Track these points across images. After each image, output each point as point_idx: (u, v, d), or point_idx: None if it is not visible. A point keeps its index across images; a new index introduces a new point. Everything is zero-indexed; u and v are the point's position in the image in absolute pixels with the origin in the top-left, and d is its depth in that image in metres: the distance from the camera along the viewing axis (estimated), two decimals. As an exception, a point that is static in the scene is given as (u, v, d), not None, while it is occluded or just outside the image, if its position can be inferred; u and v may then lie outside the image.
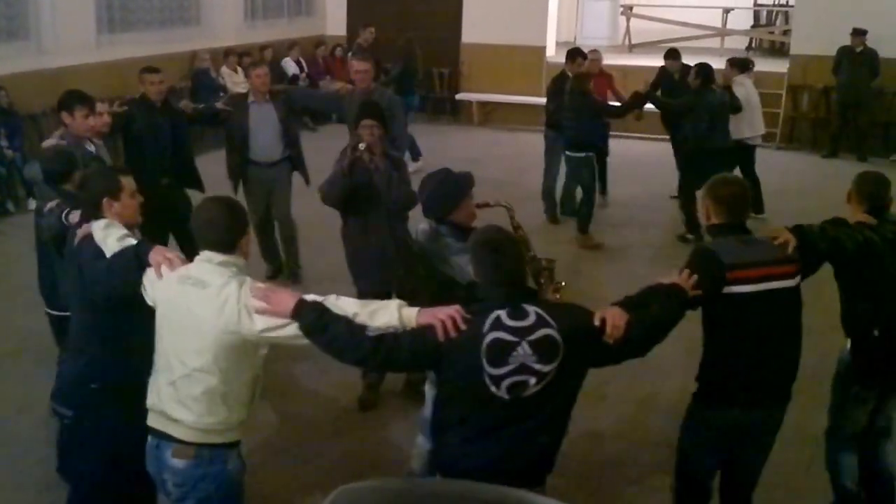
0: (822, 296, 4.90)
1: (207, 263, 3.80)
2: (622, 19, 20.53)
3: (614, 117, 11.00)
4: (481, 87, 17.60)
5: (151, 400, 3.91)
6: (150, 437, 3.95)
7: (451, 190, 4.97)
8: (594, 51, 11.88)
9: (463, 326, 3.50)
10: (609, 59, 12.25)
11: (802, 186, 12.33)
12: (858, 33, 14.30)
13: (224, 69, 15.15)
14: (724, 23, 20.03)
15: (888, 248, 4.52)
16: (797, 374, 4.34)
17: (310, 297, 3.69)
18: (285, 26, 17.87)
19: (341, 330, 3.58)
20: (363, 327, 3.60)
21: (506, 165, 13.59)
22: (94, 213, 4.41)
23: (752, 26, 20.60)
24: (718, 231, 4.30)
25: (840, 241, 4.39)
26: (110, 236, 4.19)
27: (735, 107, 10.37)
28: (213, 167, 9.13)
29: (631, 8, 20.40)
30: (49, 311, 5.71)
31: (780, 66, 16.34)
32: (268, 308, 3.62)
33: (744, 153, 10.85)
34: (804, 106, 15.69)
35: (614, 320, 3.59)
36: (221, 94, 13.21)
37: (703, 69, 10.19)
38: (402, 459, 5.79)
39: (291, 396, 6.60)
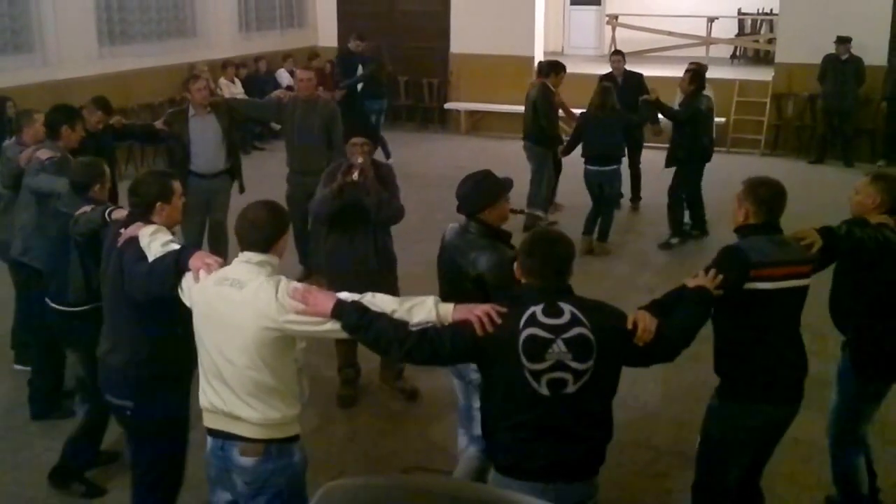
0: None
1: (246, 264, 3.90)
2: (608, 29, 20.64)
3: (635, 126, 10.94)
4: (470, 96, 17.68)
5: (207, 401, 3.96)
6: (210, 439, 4.01)
7: (489, 188, 4.99)
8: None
9: (498, 321, 3.61)
10: (595, 68, 12.31)
11: (789, 192, 12.21)
12: (843, 41, 14.37)
13: (221, 80, 15.31)
14: (709, 32, 20.14)
15: None
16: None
17: (343, 294, 3.81)
18: (278, 38, 18.07)
19: (385, 326, 3.70)
20: (405, 323, 3.73)
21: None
22: (145, 215, 4.50)
23: (737, 35, 20.72)
24: (752, 230, 4.38)
25: (864, 241, 4.59)
26: (155, 241, 4.27)
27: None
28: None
29: (616, 17, 20.49)
30: (56, 306, 5.66)
31: (764, 75, 16.39)
32: (307, 309, 3.73)
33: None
34: (789, 113, 15.77)
35: (645, 324, 3.70)
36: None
37: (698, 74, 10.23)
38: (386, 454, 5.94)
39: None
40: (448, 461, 5.61)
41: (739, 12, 20.63)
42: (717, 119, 11.44)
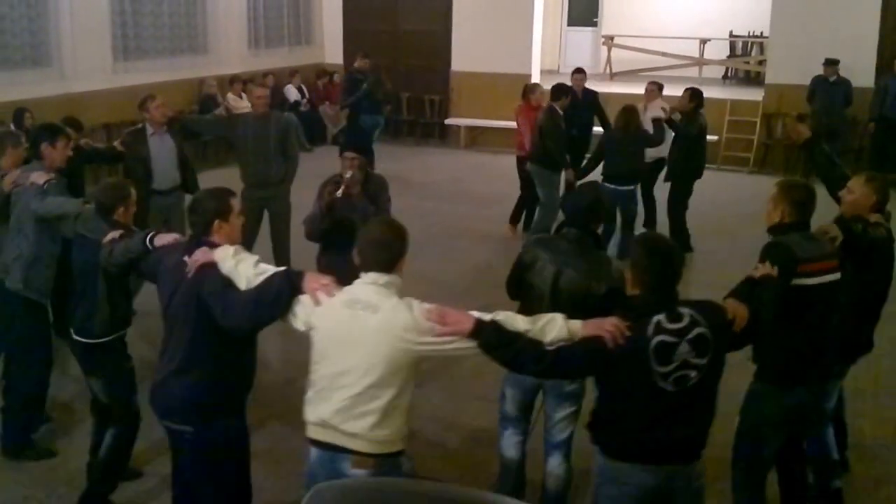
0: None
1: (373, 285, 3.87)
2: (604, 49, 20.78)
3: (653, 145, 10.82)
4: (469, 112, 18.02)
5: (319, 415, 3.94)
6: (317, 450, 4.01)
7: (604, 201, 5.13)
8: (538, 85, 12.10)
9: (628, 333, 3.74)
10: (591, 87, 12.47)
11: None
12: (831, 63, 14.62)
13: (230, 95, 15.72)
14: (702, 53, 20.42)
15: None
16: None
17: (475, 314, 3.82)
18: (286, 55, 18.44)
19: (524, 345, 3.77)
20: (540, 342, 3.79)
21: (490, 185, 13.99)
22: (204, 234, 4.36)
23: (729, 56, 20.88)
24: (788, 229, 4.71)
25: (876, 239, 5.09)
26: (243, 264, 4.15)
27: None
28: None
29: (612, 38, 20.64)
30: (81, 338, 5.42)
31: (755, 95, 16.73)
32: (445, 330, 3.75)
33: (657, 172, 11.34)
34: (778, 132, 15.97)
35: (742, 313, 3.96)
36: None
37: (697, 94, 10.62)
38: None
39: (266, 402, 6.46)
40: (447, 464, 5.95)
41: (731, 34, 20.79)
42: (709, 137, 11.75)
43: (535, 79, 17.22)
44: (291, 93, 17.46)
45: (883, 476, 6.03)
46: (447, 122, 18.44)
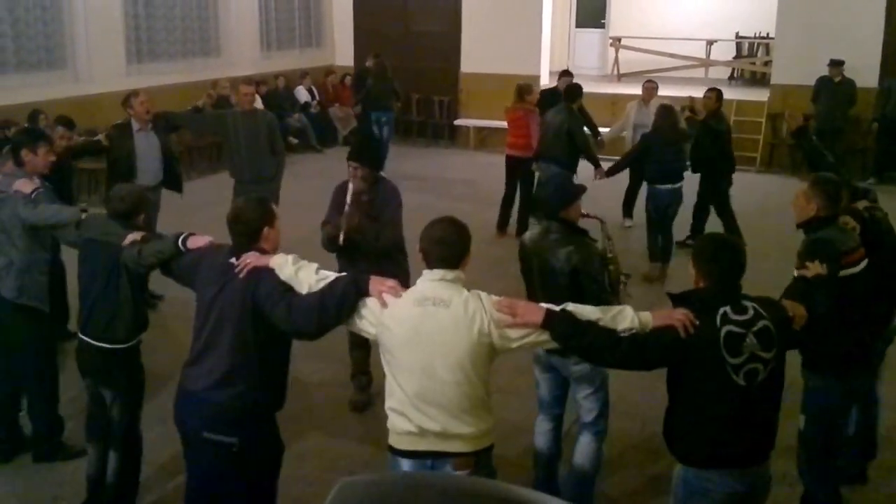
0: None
1: (441, 282, 3.88)
2: (611, 50, 20.93)
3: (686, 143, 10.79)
4: (478, 113, 18.13)
5: (413, 426, 3.88)
6: (411, 462, 3.94)
7: (569, 190, 5.23)
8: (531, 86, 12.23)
9: (697, 323, 3.79)
10: (599, 88, 12.44)
11: (783, 206, 12.28)
12: (836, 64, 14.76)
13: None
14: (708, 54, 20.55)
15: None
16: None
17: (546, 305, 3.87)
18: (297, 56, 18.63)
19: (597, 334, 3.81)
20: (613, 330, 3.83)
21: (499, 185, 13.63)
22: (252, 243, 4.32)
23: (735, 57, 20.97)
24: (824, 223, 4.88)
25: (881, 221, 5.33)
26: (303, 270, 4.14)
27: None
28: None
29: (619, 40, 20.74)
30: (102, 344, 5.26)
31: (760, 95, 16.88)
32: (517, 321, 3.79)
33: None
34: (784, 133, 16.04)
35: (801, 311, 4.03)
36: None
37: (721, 94, 10.83)
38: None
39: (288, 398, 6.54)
40: None
41: (737, 36, 20.86)
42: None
43: (545, 80, 17.48)
44: (302, 94, 17.65)
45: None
46: (456, 122, 18.58)
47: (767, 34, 19.53)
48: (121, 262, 5.05)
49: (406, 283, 6.10)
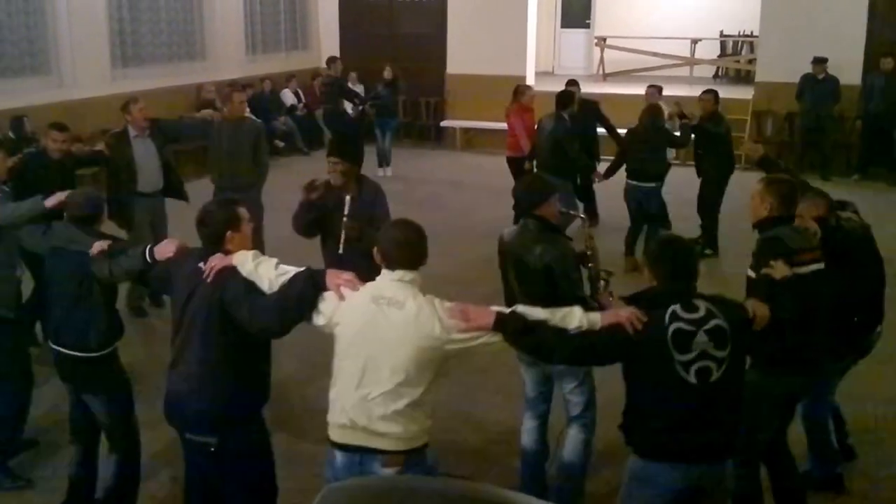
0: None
1: (399, 282, 3.93)
2: (597, 50, 21.02)
3: (678, 147, 11.13)
4: (465, 114, 18.19)
5: (346, 418, 3.95)
6: (343, 454, 4.01)
7: (542, 187, 5.27)
8: (529, 87, 12.22)
9: (645, 320, 3.87)
10: (585, 88, 12.44)
11: None
12: (820, 61, 14.89)
13: (228, 100, 15.83)
14: (693, 53, 20.59)
15: None
16: None
17: (496, 308, 3.94)
18: (283, 60, 18.61)
19: (548, 333, 3.90)
20: (564, 329, 3.91)
21: (486, 187, 14.06)
22: (216, 246, 4.34)
23: (719, 56, 21.10)
24: (778, 222, 4.91)
25: (850, 231, 5.39)
26: (263, 265, 4.17)
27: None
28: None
29: (605, 39, 20.81)
30: (77, 353, 5.17)
31: (745, 94, 16.92)
32: (469, 325, 3.84)
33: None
34: (768, 131, 16.21)
35: (763, 311, 4.06)
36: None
37: (718, 97, 10.89)
38: None
39: (280, 402, 6.27)
40: (461, 458, 6.03)
41: (721, 34, 20.98)
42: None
43: (530, 80, 17.44)
44: (288, 97, 17.66)
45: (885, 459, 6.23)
46: (443, 124, 18.62)
47: (751, 32, 19.63)
48: (89, 271, 5.02)
49: None
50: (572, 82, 12.45)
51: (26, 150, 8.77)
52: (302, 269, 4.13)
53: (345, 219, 6.03)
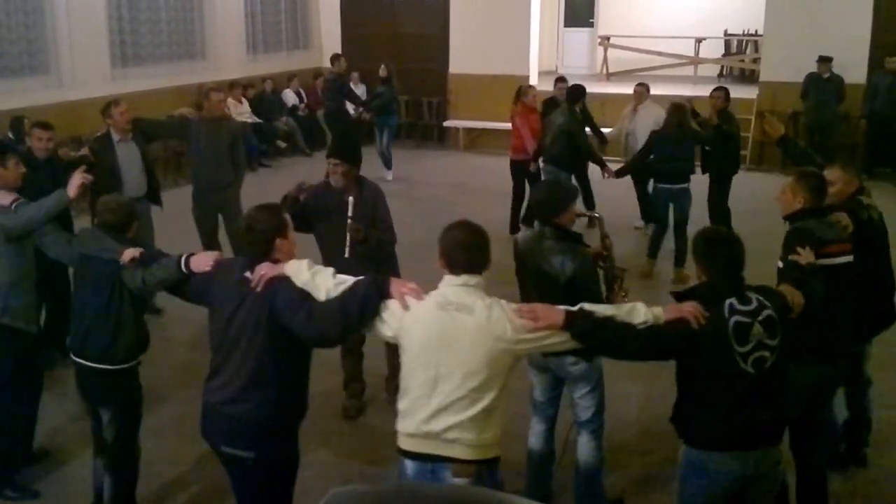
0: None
1: (464, 287, 3.90)
2: (600, 49, 20.96)
3: (707, 144, 10.69)
4: (468, 114, 18.14)
5: (418, 425, 3.89)
6: (414, 463, 3.95)
7: (562, 195, 5.24)
8: (532, 87, 12.21)
9: (706, 314, 3.93)
10: (588, 87, 12.43)
11: (774, 206, 12.30)
12: (825, 60, 14.84)
13: (229, 100, 15.58)
14: (697, 52, 20.56)
15: None
16: None
17: (563, 307, 3.91)
18: (284, 59, 18.53)
19: (617, 329, 3.92)
20: (630, 324, 3.94)
21: (491, 187, 13.97)
22: (265, 254, 4.23)
23: (724, 55, 21.03)
24: (809, 214, 5.06)
25: (875, 221, 5.49)
26: (320, 275, 4.12)
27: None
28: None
29: (608, 38, 20.77)
30: (102, 366, 5.08)
31: (749, 93, 16.77)
32: (539, 325, 3.82)
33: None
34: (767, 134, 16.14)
35: (799, 299, 4.21)
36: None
37: (728, 94, 10.86)
38: (389, 466, 5.73)
39: None
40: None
41: (726, 33, 20.94)
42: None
43: (534, 80, 17.43)
44: (290, 97, 17.59)
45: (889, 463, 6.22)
46: (446, 124, 18.56)
47: (756, 31, 19.58)
48: (120, 279, 4.92)
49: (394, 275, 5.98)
50: (561, 79, 12.51)
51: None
52: (364, 276, 4.07)
53: (349, 221, 5.99)
